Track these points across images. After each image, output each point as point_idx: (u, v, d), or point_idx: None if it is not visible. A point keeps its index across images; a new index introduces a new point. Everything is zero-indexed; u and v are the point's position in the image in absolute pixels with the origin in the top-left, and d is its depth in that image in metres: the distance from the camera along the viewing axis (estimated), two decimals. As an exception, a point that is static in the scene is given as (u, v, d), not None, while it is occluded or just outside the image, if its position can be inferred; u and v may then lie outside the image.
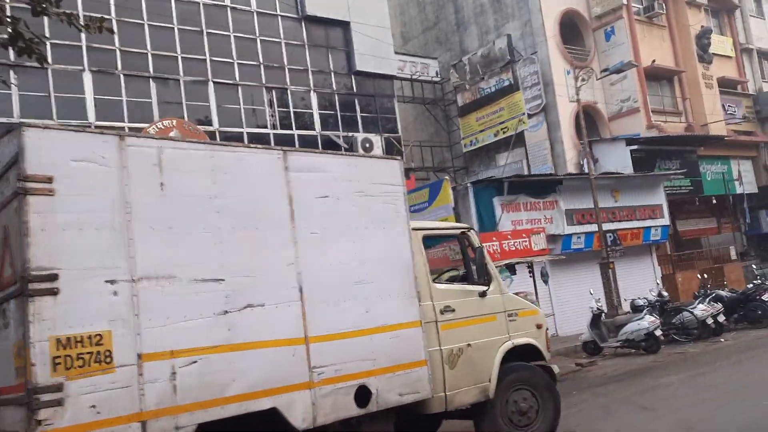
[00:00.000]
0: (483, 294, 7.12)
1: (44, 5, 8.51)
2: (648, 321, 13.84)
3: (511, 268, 14.20)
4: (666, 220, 20.47)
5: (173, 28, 19.71)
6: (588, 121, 24.86)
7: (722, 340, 14.71)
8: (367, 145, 22.43)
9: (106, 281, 4.45)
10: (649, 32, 25.58)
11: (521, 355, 7.29)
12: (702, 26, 26.68)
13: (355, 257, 5.96)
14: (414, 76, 25.72)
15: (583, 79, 17.70)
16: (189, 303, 4.81)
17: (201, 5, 20.36)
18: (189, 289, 4.84)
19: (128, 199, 4.69)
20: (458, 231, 7.46)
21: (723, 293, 16.75)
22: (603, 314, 14.79)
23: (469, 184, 16.69)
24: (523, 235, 12.86)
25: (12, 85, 17.12)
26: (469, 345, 6.76)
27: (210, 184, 5.16)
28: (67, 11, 8.93)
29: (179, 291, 4.77)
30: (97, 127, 17.87)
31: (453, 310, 6.77)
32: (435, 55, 27.82)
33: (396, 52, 25.94)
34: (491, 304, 7.21)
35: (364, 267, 5.99)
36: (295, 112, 21.82)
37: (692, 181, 25.03)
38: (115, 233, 4.57)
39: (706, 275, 19.11)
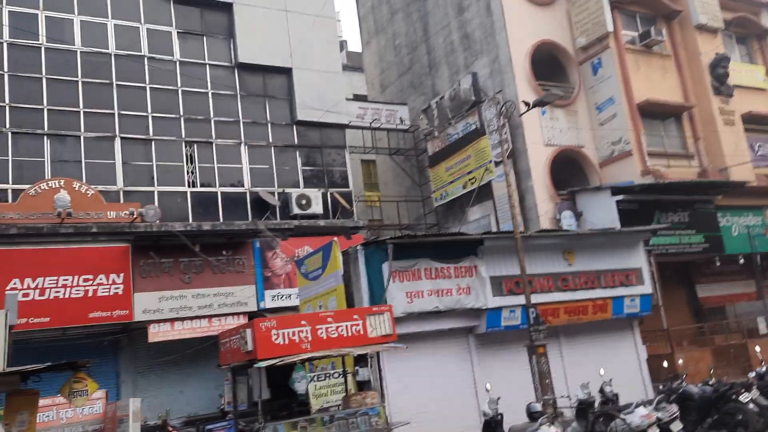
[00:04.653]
0: None
1: None
2: (544, 434, 10.11)
3: (360, 360, 10.95)
4: (647, 288, 16.29)
5: (77, 81, 18.11)
6: (573, 168, 21.41)
7: (665, 460, 10.66)
8: (303, 201, 19.80)
9: None
10: (646, 63, 21.82)
11: None
12: (716, 54, 22.59)
13: None
14: (372, 124, 23.01)
15: (506, 117, 14.40)
16: None
17: (112, 56, 18.74)
18: None
19: None
20: None
21: (694, 389, 12.60)
22: (501, 419, 11.12)
23: (359, 247, 13.61)
24: (355, 317, 9.66)
25: None
26: None
27: None
28: None
29: None
30: (-27, 190, 16.36)
31: None
32: (409, 101, 25.16)
33: (353, 99, 23.59)
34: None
35: None
36: (220, 168, 19.56)
37: (708, 237, 20.64)
38: None
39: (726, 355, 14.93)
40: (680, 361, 17.27)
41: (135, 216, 17.23)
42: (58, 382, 13.81)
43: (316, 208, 19.99)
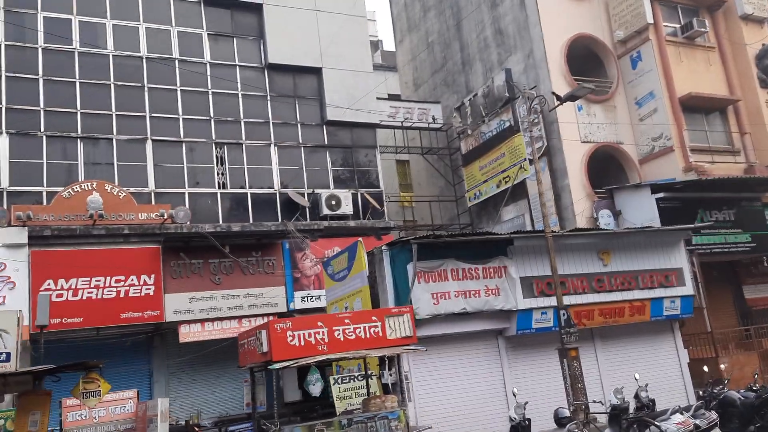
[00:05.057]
0: None
1: None
2: (573, 441, 9.67)
3: (387, 361, 10.66)
4: (688, 289, 15.57)
5: (109, 84, 18.32)
6: (612, 165, 20.75)
7: (703, 470, 10.08)
8: (333, 202, 19.64)
9: None
10: (689, 55, 20.98)
11: None
12: (763, 44, 21.58)
13: None
14: (404, 123, 22.71)
15: (537, 113, 13.93)
16: None
17: (144, 59, 18.92)
18: None
19: None
20: None
21: (735, 395, 11.96)
22: (528, 424, 10.70)
23: (384, 248, 13.32)
24: (373, 318, 9.39)
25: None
26: None
27: None
28: None
29: None
30: (9, 193, 16.64)
31: None
32: (442, 99, 24.79)
33: (386, 98, 23.33)
34: None
35: None
36: (250, 169, 19.54)
37: (755, 236, 19.69)
38: None
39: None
40: (722, 366, 16.48)
41: (165, 217, 17.31)
42: (86, 381, 13.82)
43: (346, 208, 19.80)
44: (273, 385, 9.08)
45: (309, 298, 18.73)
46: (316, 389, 10.48)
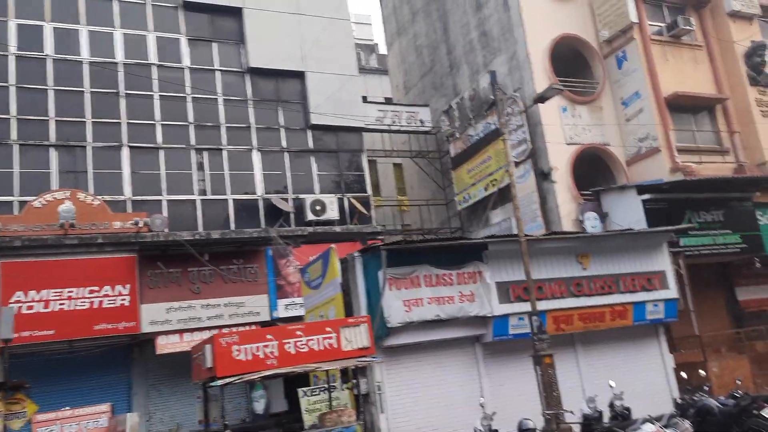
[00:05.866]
0: None
1: None
2: (539, 454, 9.29)
3: (361, 372, 10.32)
4: (671, 292, 15.15)
5: (84, 91, 18.10)
6: (600, 166, 20.36)
7: (676, 484, 9.67)
8: (318, 207, 19.33)
9: None
10: (675, 54, 20.58)
11: None
12: (752, 42, 21.17)
13: None
14: (392, 127, 22.39)
15: (511, 114, 13.57)
16: None
17: (120, 65, 18.69)
18: None
19: None
20: None
21: (713, 402, 11.55)
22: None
23: (356, 255, 12.99)
24: (328, 329, 9.05)
25: None
26: None
27: None
28: None
29: None
30: (-19, 202, 16.40)
31: None
32: (431, 102, 24.47)
33: (375, 102, 23.08)
34: None
35: None
36: (231, 175, 19.25)
37: (745, 236, 19.26)
38: None
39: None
40: (701, 371, 15.86)
41: (141, 226, 17.02)
42: (56, 397, 13.59)
43: (332, 213, 19.49)
44: (222, 399, 8.72)
45: (293, 305, 18.32)
46: (260, 406, 10.14)
